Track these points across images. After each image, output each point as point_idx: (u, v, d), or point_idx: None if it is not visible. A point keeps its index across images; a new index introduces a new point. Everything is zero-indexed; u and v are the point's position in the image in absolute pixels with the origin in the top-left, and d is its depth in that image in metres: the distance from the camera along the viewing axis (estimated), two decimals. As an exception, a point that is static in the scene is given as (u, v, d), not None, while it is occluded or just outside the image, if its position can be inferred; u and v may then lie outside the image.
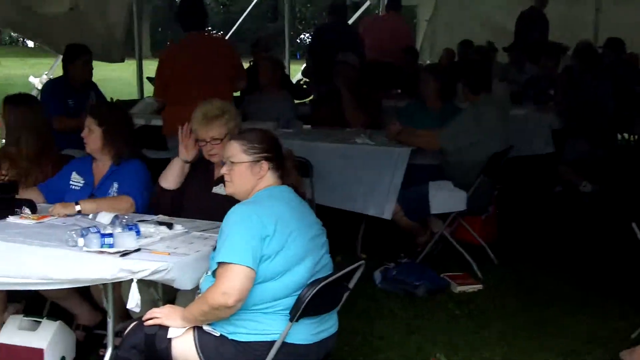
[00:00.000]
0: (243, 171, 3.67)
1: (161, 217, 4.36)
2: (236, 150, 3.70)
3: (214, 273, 3.46)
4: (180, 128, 4.68)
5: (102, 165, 4.88)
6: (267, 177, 3.69)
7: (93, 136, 4.80)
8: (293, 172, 3.83)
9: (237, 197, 3.72)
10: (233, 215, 3.48)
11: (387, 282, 5.90)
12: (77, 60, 7.18)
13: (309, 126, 7.50)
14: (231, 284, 3.31)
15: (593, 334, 5.07)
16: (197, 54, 6.67)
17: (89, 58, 7.25)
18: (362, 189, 6.24)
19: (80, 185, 4.89)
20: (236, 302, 3.33)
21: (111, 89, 9.60)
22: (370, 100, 7.83)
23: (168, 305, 3.66)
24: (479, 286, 5.89)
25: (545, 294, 5.82)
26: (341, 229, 3.89)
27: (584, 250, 6.75)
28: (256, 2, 14.65)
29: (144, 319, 3.56)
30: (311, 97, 10.30)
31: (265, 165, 3.67)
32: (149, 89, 9.82)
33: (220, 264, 3.37)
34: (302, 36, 43.20)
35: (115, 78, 16.56)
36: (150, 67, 8.29)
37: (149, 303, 3.98)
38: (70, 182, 4.91)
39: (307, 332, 3.53)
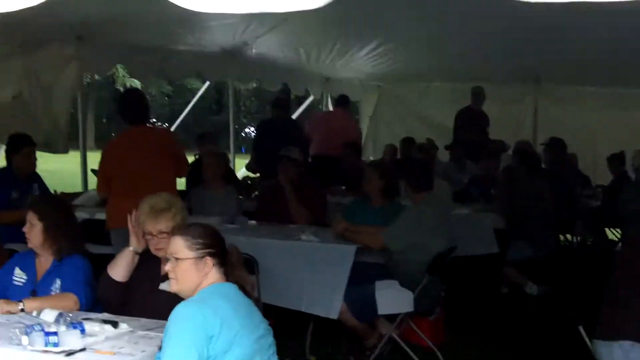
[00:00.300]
0: (187, 268, 3.66)
1: (106, 316, 4.30)
2: (180, 246, 3.69)
3: None
4: (129, 217, 4.65)
5: (45, 260, 4.83)
6: (212, 273, 3.67)
7: (34, 230, 4.76)
8: (238, 268, 3.83)
9: (182, 295, 3.70)
10: (177, 315, 3.44)
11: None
12: (22, 150, 7.13)
13: (253, 222, 7.50)
14: None
15: None
16: (140, 146, 6.69)
17: (33, 149, 7.21)
18: (307, 288, 6.21)
19: (23, 281, 4.82)
20: None
21: (55, 180, 9.53)
22: (314, 196, 7.86)
23: None
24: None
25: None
26: (289, 329, 3.84)
27: (533, 353, 6.77)
28: (201, 95, 14.80)
29: None
30: (255, 193, 10.30)
31: (209, 261, 3.66)
32: (93, 180, 9.68)
33: None
34: (247, 130, 43.53)
35: (59, 170, 16.42)
36: (95, 159, 8.19)
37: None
38: (13, 278, 4.85)
39: None
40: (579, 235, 11.06)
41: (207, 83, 14.11)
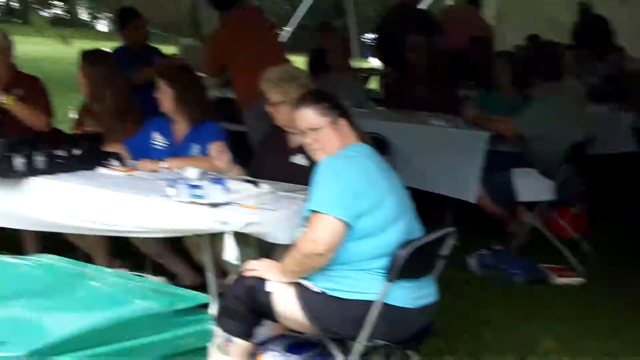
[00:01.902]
0: (328, 133, 3.60)
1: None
2: (313, 116, 3.62)
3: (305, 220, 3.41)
4: None
5: (181, 125, 4.89)
6: (348, 134, 3.62)
7: (165, 97, 4.81)
8: (362, 133, 3.75)
9: None
10: (325, 166, 3.42)
11: (483, 268, 5.79)
12: (131, 22, 7.05)
13: (382, 108, 7.39)
14: (320, 233, 3.26)
15: None
16: (256, 24, 6.67)
17: (141, 20, 7.09)
18: (444, 170, 6.07)
19: (163, 145, 4.91)
20: (326, 252, 3.28)
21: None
22: (443, 85, 7.69)
23: (265, 259, 3.58)
24: (581, 279, 5.70)
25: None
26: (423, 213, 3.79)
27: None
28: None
29: (242, 269, 3.50)
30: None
31: (342, 121, 3.61)
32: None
33: (311, 211, 3.31)
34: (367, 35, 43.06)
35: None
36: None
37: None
38: (153, 142, 4.94)
39: (406, 296, 3.44)
40: None
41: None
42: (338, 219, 3.27)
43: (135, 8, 7.14)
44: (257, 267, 3.49)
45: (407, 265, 3.35)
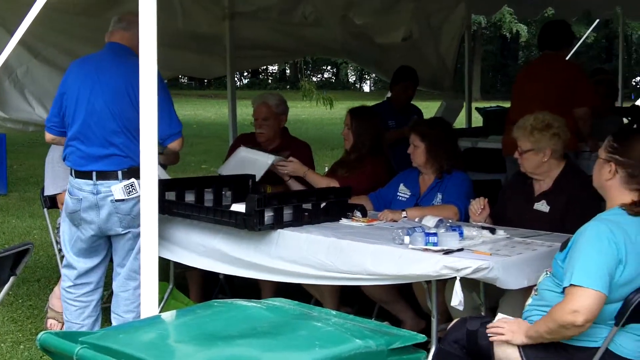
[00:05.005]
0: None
1: (483, 223, 4.39)
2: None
3: (555, 277, 3.39)
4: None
5: (428, 177, 5.04)
6: (620, 188, 3.43)
7: (418, 151, 4.98)
8: None
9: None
10: (590, 229, 3.32)
11: None
12: (400, 83, 7.43)
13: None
14: (583, 304, 3.18)
15: None
16: (540, 75, 6.49)
17: (410, 83, 7.45)
18: None
19: (407, 196, 5.09)
20: (585, 322, 3.20)
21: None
22: None
23: (516, 320, 3.51)
24: None
25: None
26: None
27: None
28: (588, 43, 14.01)
29: (489, 330, 3.46)
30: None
31: (614, 166, 3.43)
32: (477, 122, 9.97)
33: (572, 285, 3.24)
34: (637, 78, 41.43)
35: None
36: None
37: (470, 309, 4.00)
38: (398, 193, 5.14)
39: (635, 347, 3.34)
40: None
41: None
42: (600, 292, 3.19)
43: (412, 68, 7.49)
44: (504, 330, 3.43)
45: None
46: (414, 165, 5.08)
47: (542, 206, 4.49)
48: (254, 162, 5.36)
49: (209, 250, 4.64)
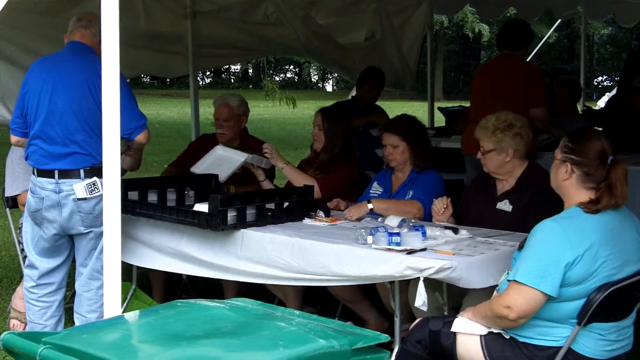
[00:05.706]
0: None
1: (446, 223, 4.42)
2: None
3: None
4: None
5: (402, 175, 5.07)
6: (578, 188, 3.44)
7: (397, 151, 4.99)
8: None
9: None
10: (542, 231, 3.34)
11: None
12: (367, 82, 7.54)
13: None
14: (517, 302, 3.24)
15: None
16: (499, 74, 6.52)
17: (377, 83, 7.56)
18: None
19: (379, 193, 5.10)
20: (518, 318, 3.26)
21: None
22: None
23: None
24: None
25: None
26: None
27: None
28: (550, 43, 14.19)
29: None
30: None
31: (570, 167, 3.45)
32: (439, 121, 10.01)
33: (514, 280, 3.28)
34: (599, 78, 41.90)
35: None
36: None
37: (433, 309, 4.03)
38: (370, 190, 5.17)
39: (596, 346, 3.37)
40: None
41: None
42: (540, 292, 3.22)
43: (379, 69, 7.59)
44: None
45: (601, 307, 3.27)
46: (392, 165, 5.06)
47: (504, 206, 4.52)
48: (228, 160, 5.35)
49: (175, 252, 4.63)
